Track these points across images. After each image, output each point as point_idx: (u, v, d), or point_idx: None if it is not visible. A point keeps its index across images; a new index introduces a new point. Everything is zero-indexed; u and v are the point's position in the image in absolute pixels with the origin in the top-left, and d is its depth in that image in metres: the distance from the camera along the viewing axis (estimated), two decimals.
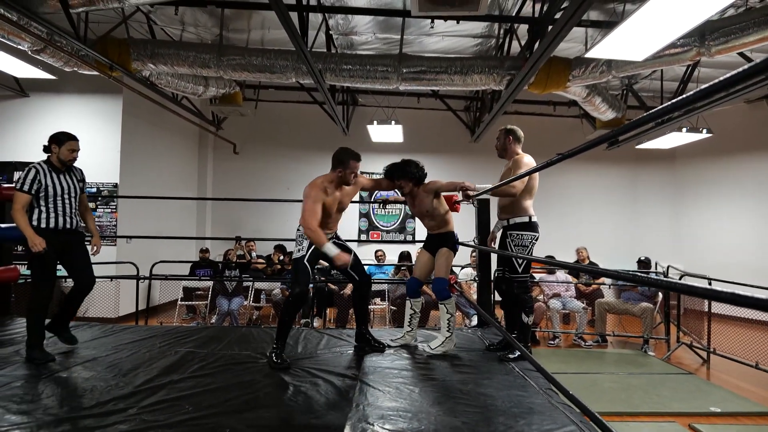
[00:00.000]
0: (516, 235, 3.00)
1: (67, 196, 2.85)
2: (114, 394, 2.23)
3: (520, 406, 2.15)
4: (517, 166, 3.02)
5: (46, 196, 2.78)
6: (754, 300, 0.61)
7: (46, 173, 2.79)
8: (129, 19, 5.14)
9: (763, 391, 4.19)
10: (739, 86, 4.99)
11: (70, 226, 2.88)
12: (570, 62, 5.06)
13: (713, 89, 0.84)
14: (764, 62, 0.71)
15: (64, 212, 2.84)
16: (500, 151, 3.24)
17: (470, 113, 8.68)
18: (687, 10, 3.24)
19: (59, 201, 2.82)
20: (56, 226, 2.81)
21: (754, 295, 0.61)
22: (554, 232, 8.04)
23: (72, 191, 2.89)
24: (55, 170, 2.83)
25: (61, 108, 6.50)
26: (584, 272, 6.71)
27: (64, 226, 2.84)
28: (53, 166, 2.83)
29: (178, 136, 8.17)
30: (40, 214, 2.78)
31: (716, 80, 0.84)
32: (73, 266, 2.95)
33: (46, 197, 2.78)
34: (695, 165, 8.71)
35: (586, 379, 4.39)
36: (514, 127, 3.19)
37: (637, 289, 5.96)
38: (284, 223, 8.63)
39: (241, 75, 5.10)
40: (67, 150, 2.83)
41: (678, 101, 0.98)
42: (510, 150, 3.17)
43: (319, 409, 2.09)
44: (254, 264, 6.96)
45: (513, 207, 3.03)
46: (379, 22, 5.30)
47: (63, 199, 2.83)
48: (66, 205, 2.85)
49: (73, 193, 2.90)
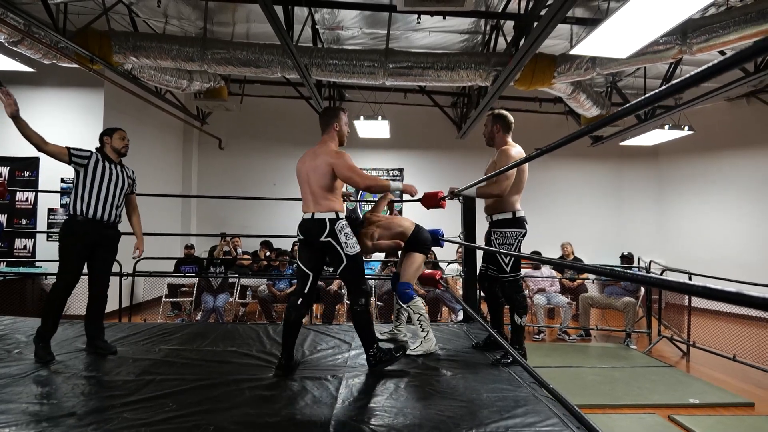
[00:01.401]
0: (500, 233, 2.86)
1: (113, 186, 2.88)
2: (96, 392, 2.20)
3: (505, 400, 2.17)
4: (502, 160, 2.80)
5: (93, 182, 2.81)
6: (725, 293, 0.62)
7: (99, 159, 2.87)
8: (110, 11, 5.03)
9: (740, 383, 4.30)
10: (711, 80, 5.04)
11: (109, 218, 2.87)
12: (555, 59, 5.10)
13: (685, 83, 0.85)
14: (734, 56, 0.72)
15: (105, 203, 2.84)
16: (488, 140, 3.04)
17: (457, 109, 8.71)
18: (669, 8, 3.28)
19: (103, 190, 2.83)
20: (95, 215, 2.80)
21: (725, 288, 0.62)
22: (539, 227, 8.09)
23: (120, 184, 2.93)
24: (108, 160, 2.91)
25: (41, 101, 6.35)
26: (568, 268, 6.80)
27: (102, 217, 2.83)
28: (107, 156, 2.92)
29: (162, 131, 8.05)
30: (82, 200, 2.78)
31: (688, 74, 0.86)
32: (94, 267, 2.93)
33: (92, 182, 2.80)
34: (678, 161, 8.87)
35: (570, 373, 4.45)
36: (503, 113, 2.98)
37: (620, 284, 6.06)
38: (271, 219, 8.60)
39: (226, 69, 5.03)
40: (119, 138, 2.96)
41: (651, 96, 0.99)
42: (498, 139, 2.96)
43: (304, 406, 2.09)
44: (240, 260, 6.91)
45: (496, 202, 2.89)
46: (366, 16, 5.27)
47: (108, 188, 2.86)
48: (109, 196, 2.86)
49: (119, 187, 2.92)
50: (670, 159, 8.97)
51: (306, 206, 2.61)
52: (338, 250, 2.52)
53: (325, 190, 2.54)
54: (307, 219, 2.57)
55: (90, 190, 2.80)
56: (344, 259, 2.53)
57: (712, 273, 4.70)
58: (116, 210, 2.93)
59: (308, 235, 2.56)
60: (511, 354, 2.43)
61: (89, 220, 2.79)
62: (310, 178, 2.57)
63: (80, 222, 2.78)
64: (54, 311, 2.75)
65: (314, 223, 2.53)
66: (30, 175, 6.36)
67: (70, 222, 2.79)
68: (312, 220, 2.54)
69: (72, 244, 2.76)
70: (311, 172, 2.56)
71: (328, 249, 2.56)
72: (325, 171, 2.52)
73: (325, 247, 2.55)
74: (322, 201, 2.54)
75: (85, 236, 2.78)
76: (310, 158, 2.62)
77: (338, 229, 2.52)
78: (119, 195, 2.93)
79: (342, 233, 2.53)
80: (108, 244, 2.95)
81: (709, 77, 0.79)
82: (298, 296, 2.59)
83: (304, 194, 2.63)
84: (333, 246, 2.52)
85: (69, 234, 2.78)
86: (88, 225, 2.79)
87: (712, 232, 8.24)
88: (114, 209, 2.90)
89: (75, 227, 2.78)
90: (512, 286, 2.89)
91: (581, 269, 2.58)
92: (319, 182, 2.53)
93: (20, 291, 5.51)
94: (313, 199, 2.56)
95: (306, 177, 2.59)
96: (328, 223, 2.51)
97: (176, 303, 6.72)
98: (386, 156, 9.07)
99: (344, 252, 2.52)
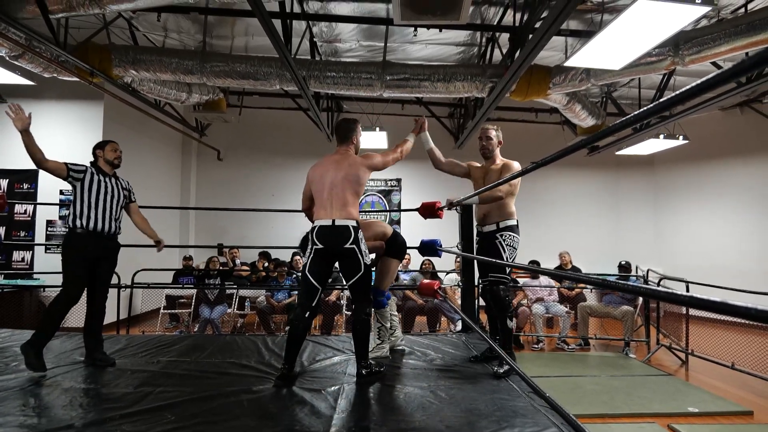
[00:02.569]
0: (508, 236, 2.95)
1: (110, 198, 2.94)
2: (95, 404, 2.20)
3: (503, 409, 2.18)
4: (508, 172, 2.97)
5: (90, 195, 2.85)
6: (710, 303, 0.64)
7: (94, 173, 2.92)
8: (110, 25, 5.09)
9: (739, 391, 4.30)
10: (708, 94, 5.10)
11: (109, 230, 2.93)
12: (550, 70, 5.17)
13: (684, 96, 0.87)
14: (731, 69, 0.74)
15: (104, 215, 2.89)
16: (489, 152, 3.13)
17: (454, 120, 8.77)
18: (662, 20, 3.34)
19: (100, 203, 2.89)
20: (95, 228, 2.85)
21: (710, 298, 0.64)
22: (537, 236, 8.16)
23: (116, 196, 2.99)
24: (103, 173, 2.96)
25: (41, 114, 6.37)
26: (567, 279, 6.80)
27: (103, 229, 2.89)
28: (101, 170, 2.98)
29: (161, 143, 8.09)
30: (81, 214, 2.83)
31: (684, 89, 0.88)
32: (95, 281, 2.94)
33: (89, 196, 2.85)
34: (673, 170, 8.94)
35: (570, 382, 4.44)
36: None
37: (617, 293, 6.07)
38: (269, 230, 8.61)
39: (225, 82, 5.09)
40: (111, 150, 3.02)
41: (646, 110, 1.01)
42: (497, 152, 3.13)
43: (303, 416, 2.09)
44: (238, 271, 6.90)
45: (501, 212, 2.99)
46: (363, 29, 5.35)
47: (105, 201, 2.91)
48: (107, 209, 2.92)
49: (116, 199, 2.98)
50: (666, 168, 9.04)
51: (325, 212, 2.57)
52: (359, 258, 2.53)
53: (355, 197, 2.60)
54: (326, 225, 2.53)
55: (88, 204, 2.85)
56: (362, 268, 2.54)
57: (710, 281, 4.71)
58: (115, 222, 2.97)
59: (329, 242, 2.52)
60: (512, 365, 2.44)
61: (89, 233, 2.84)
62: (335, 185, 2.57)
63: (80, 235, 2.82)
64: (53, 322, 2.76)
65: (337, 230, 2.51)
66: (29, 188, 6.37)
67: (70, 235, 2.84)
68: (333, 227, 2.52)
69: (74, 256, 2.80)
70: (340, 179, 2.58)
71: (348, 256, 2.54)
72: (357, 178, 2.59)
73: (346, 254, 2.53)
74: (347, 208, 2.55)
75: (85, 249, 2.83)
76: (333, 167, 2.63)
77: (360, 238, 2.55)
78: (116, 207, 2.99)
79: (362, 242, 2.56)
80: (108, 256, 2.99)
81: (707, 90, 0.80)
82: (305, 309, 2.56)
83: (323, 201, 2.60)
84: (355, 254, 2.52)
85: (70, 246, 2.82)
86: (88, 237, 2.84)
87: (709, 240, 8.28)
88: (113, 221, 2.95)
89: (74, 240, 2.82)
90: (506, 287, 2.98)
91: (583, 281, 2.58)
92: (352, 189, 2.59)
93: (18, 303, 5.49)
94: (337, 205, 2.55)
95: (330, 184, 2.59)
96: (352, 230, 2.52)
97: (174, 315, 6.69)
98: None
99: (363, 261, 2.54)
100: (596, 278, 1.24)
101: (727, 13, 4.67)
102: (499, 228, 2.98)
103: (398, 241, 3.07)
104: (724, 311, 0.61)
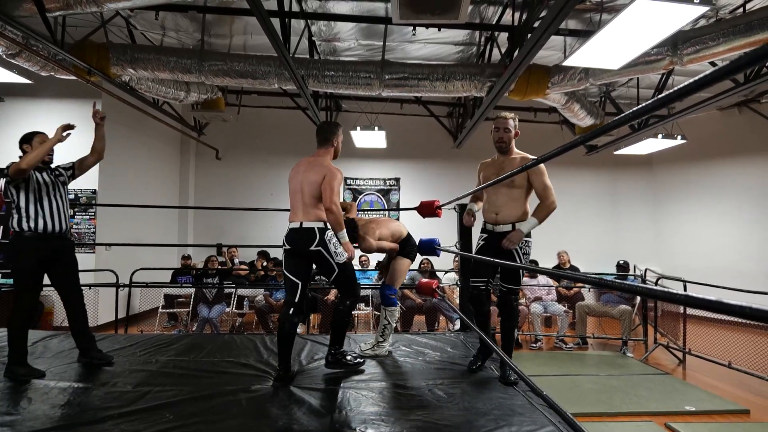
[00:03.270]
0: (525, 242, 2.72)
1: (51, 194, 2.73)
2: (93, 403, 2.20)
3: (501, 408, 2.18)
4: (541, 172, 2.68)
5: (31, 195, 2.65)
6: (706, 302, 0.64)
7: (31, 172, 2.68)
8: (108, 24, 5.08)
9: (735, 390, 4.31)
10: (706, 93, 5.10)
11: (59, 229, 2.72)
12: (549, 70, 5.17)
13: (678, 94, 0.87)
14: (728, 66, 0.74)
15: (51, 213, 2.69)
16: (506, 145, 2.77)
17: (453, 119, 8.78)
18: (660, 20, 3.35)
19: (45, 200, 2.69)
20: (44, 229, 2.65)
21: (706, 297, 0.65)
22: (536, 235, 8.13)
23: (58, 190, 2.79)
24: (38, 170, 2.73)
25: (38, 113, 6.37)
26: (565, 278, 6.82)
27: (53, 229, 2.69)
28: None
29: (159, 142, 8.07)
30: (27, 216, 2.63)
31: (681, 85, 0.88)
32: (60, 284, 2.80)
33: (32, 196, 2.65)
34: (671, 170, 8.95)
35: (567, 381, 4.46)
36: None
37: (615, 292, 6.08)
38: (268, 229, 8.60)
39: (223, 80, 5.08)
40: (39, 143, 2.76)
41: (644, 106, 1.01)
42: (512, 145, 2.79)
43: (301, 416, 2.09)
44: (236, 270, 6.90)
45: (519, 211, 2.74)
46: (362, 28, 5.34)
47: (49, 198, 2.71)
48: (53, 205, 2.71)
49: (58, 193, 2.78)
50: (665, 168, 9.05)
51: (294, 215, 2.63)
52: (329, 259, 2.57)
53: (318, 200, 2.58)
54: (295, 228, 2.59)
55: (34, 205, 2.66)
56: (335, 268, 2.58)
57: (709, 281, 4.72)
58: (63, 220, 2.77)
59: (296, 244, 2.58)
60: (511, 365, 2.41)
61: (37, 235, 2.65)
62: (303, 188, 2.60)
63: (28, 238, 2.63)
64: (21, 335, 2.61)
65: (303, 232, 2.56)
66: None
67: (17, 239, 2.64)
68: (300, 229, 2.57)
69: (23, 261, 2.61)
70: (306, 182, 2.59)
71: (317, 258, 2.58)
72: (320, 182, 2.56)
73: (315, 256, 2.57)
74: (312, 210, 2.58)
75: (36, 252, 2.64)
76: (305, 168, 2.66)
77: (327, 239, 2.56)
78: (61, 201, 2.78)
79: (331, 243, 2.57)
80: (63, 257, 2.80)
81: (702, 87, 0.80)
82: (289, 306, 2.59)
83: (294, 203, 2.65)
84: (323, 255, 2.56)
85: (18, 251, 2.64)
86: (37, 240, 2.65)
87: (708, 239, 8.30)
88: (60, 218, 2.75)
89: (22, 244, 2.63)
90: (516, 293, 2.83)
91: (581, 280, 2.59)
92: (313, 193, 2.58)
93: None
94: (303, 208, 2.59)
95: (299, 186, 2.62)
96: (317, 232, 2.55)
97: (173, 314, 6.69)
98: (383, 166, 9.11)
99: (335, 261, 2.57)
100: (594, 277, 1.24)
101: (726, 13, 4.68)
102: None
103: (411, 241, 3.17)
104: (720, 310, 0.62)
